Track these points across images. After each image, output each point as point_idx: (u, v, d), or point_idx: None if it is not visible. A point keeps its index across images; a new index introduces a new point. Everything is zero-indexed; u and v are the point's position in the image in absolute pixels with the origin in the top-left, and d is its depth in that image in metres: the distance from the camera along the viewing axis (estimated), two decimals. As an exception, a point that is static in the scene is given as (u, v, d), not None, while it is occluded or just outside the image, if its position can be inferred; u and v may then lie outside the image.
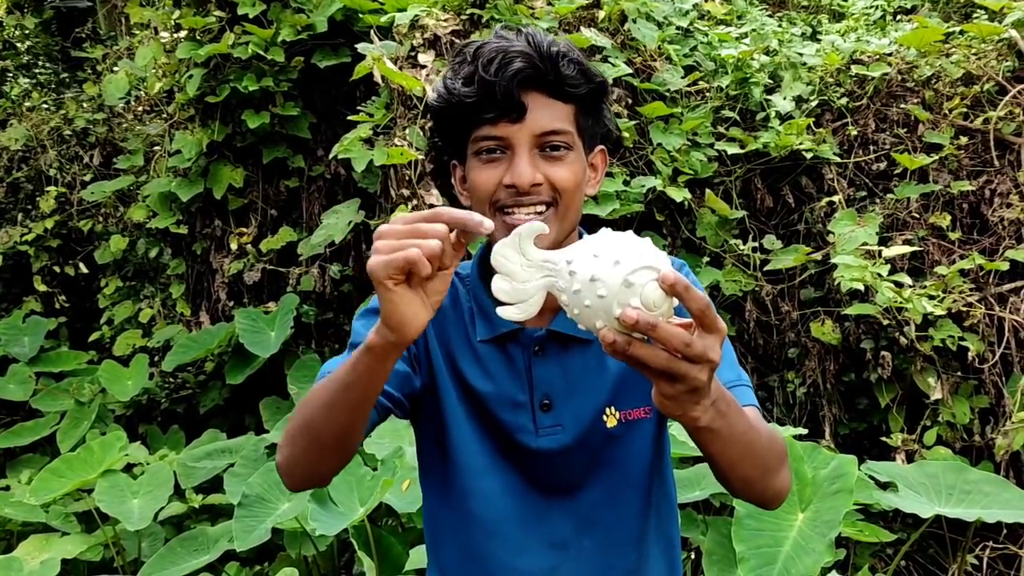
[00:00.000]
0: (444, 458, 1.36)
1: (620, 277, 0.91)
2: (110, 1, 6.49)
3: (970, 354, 3.50)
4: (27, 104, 5.88)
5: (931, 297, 3.45)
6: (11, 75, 6.42)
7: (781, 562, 2.42)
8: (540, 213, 1.25)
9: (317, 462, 1.21)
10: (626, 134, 3.66)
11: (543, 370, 1.32)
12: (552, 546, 1.33)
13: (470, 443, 1.33)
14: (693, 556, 3.13)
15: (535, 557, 1.33)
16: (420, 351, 1.34)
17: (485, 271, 1.37)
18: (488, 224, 1.01)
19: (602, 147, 1.38)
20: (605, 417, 1.32)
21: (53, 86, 6.35)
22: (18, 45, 6.72)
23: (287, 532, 3.26)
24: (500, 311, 1.02)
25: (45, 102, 5.89)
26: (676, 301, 0.92)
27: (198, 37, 4.42)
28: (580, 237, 1.41)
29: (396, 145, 3.58)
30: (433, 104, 1.30)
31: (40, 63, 6.69)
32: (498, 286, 1.01)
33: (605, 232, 0.98)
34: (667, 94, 3.87)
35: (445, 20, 3.81)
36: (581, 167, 1.29)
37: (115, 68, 5.32)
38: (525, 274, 1.00)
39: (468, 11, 3.78)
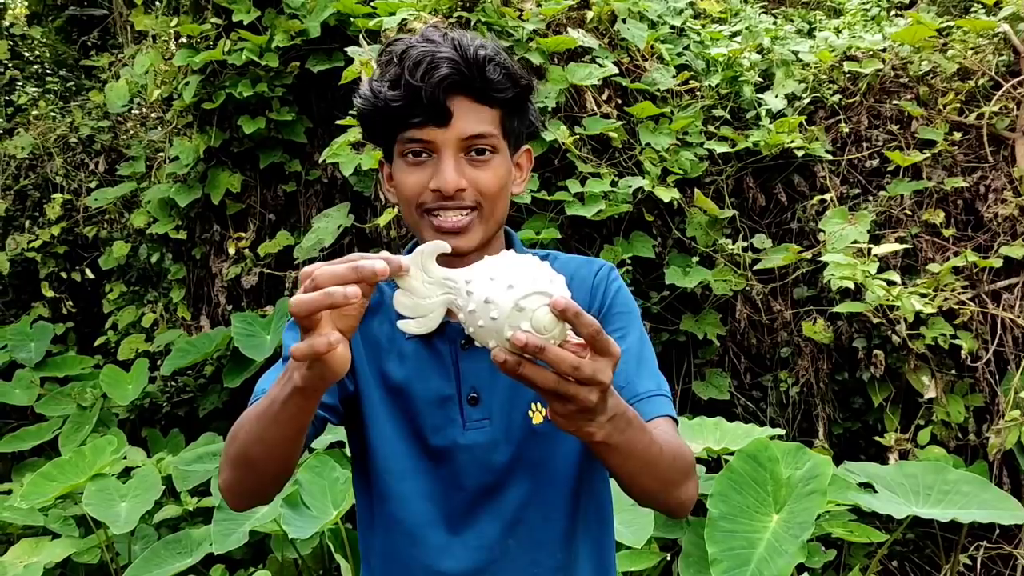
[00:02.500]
0: (367, 462, 1.36)
1: (512, 301, 0.94)
2: (118, 9, 6.55)
3: (963, 352, 3.47)
4: (34, 112, 5.95)
5: (922, 295, 3.42)
6: (20, 84, 6.50)
7: (754, 563, 2.41)
8: (465, 215, 1.26)
9: (257, 486, 1.23)
10: (614, 134, 3.65)
11: (470, 363, 1.32)
12: (478, 548, 1.33)
13: (392, 445, 1.33)
14: (670, 557, 3.12)
15: (460, 560, 1.33)
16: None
17: None
18: (405, 264, 1.02)
19: (527, 147, 1.39)
20: (531, 413, 1.32)
21: (63, 95, 6.43)
22: (26, 54, 6.80)
23: (275, 536, 3.28)
24: (400, 324, 1.05)
25: (52, 110, 5.95)
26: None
27: (195, 44, 4.46)
28: (507, 238, 1.43)
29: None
30: (359, 107, 1.31)
31: (51, 72, 6.78)
32: (399, 300, 1.04)
33: (507, 255, 1.01)
34: (657, 94, 3.86)
35: (434, 24, 3.82)
36: (506, 169, 1.31)
37: (119, 76, 5.37)
38: (426, 290, 1.04)
39: (456, 14, 3.78)
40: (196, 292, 4.93)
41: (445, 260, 1.08)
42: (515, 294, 0.94)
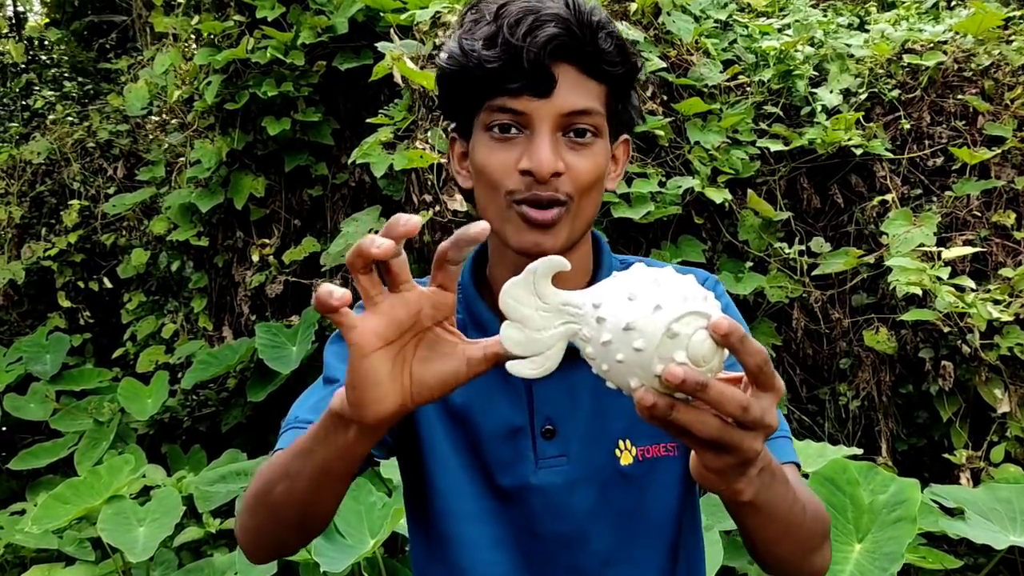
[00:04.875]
0: (428, 501, 1.15)
1: (662, 325, 0.73)
2: (137, 11, 6.42)
3: (1040, 363, 3.24)
4: (51, 117, 5.81)
5: (996, 302, 3.19)
6: (37, 88, 6.36)
7: (836, 599, 2.18)
8: (556, 208, 1.05)
9: (278, 537, 1.02)
10: (661, 132, 3.44)
11: (546, 390, 1.10)
12: None
13: (457, 483, 1.12)
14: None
15: None
16: None
17: (480, 277, 1.18)
18: (483, 226, 0.78)
19: (626, 137, 1.18)
20: (618, 452, 1.11)
21: (81, 99, 6.29)
22: (43, 58, 6.68)
23: (303, 563, 3.07)
24: (511, 367, 0.81)
25: (69, 115, 5.81)
26: (727, 353, 0.73)
27: (217, 42, 4.29)
28: (595, 243, 1.20)
29: (417, 148, 3.39)
30: (443, 65, 1.10)
31: (68, 76, 6.65)
32: (508, 335, 0.80)
33: (639, 267, 0.78)
34: (704, 90, 3.65)
35: (468, 16, 3.63)
36: (605, 158, 1.10)
37: (138, 78, 5.22)
38: (541, 320, 0.80)
39: (492, 6, 3.59)
40: (218, 301, 4.75)
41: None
42: (666, 316, 0.73)
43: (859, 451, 2.81)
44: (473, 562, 1.12)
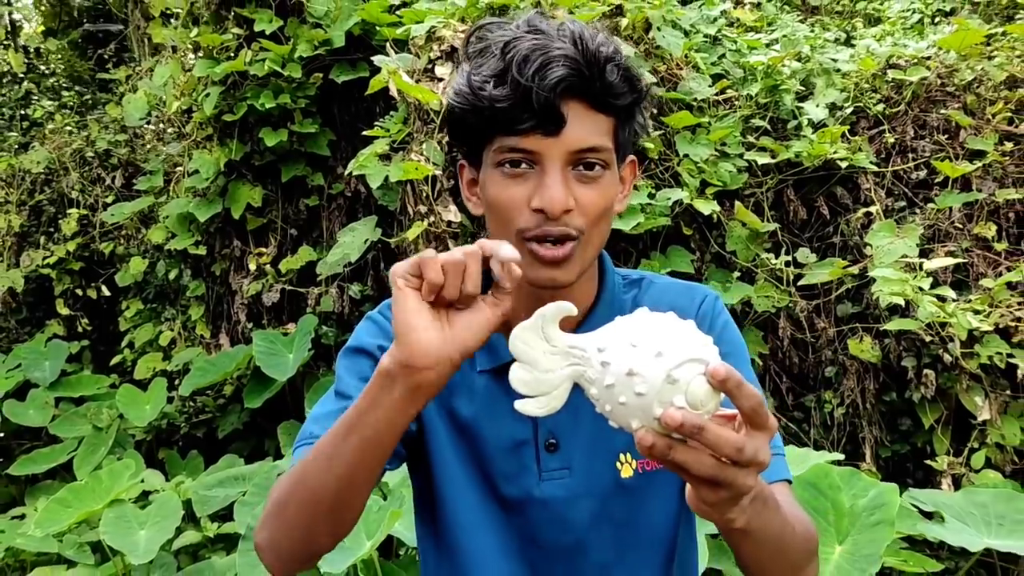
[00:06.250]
0: (436, 512, 1.20)
1: (663, 372, 0.79)
2: (135, 23, 6.47)
3: (1019, 372, 3.31)
4: (50, 126, 5.87)
5: (976, 312, 3.27)
6: (35, 98, 6.42)
7: (818, 599, 2.25)
8: (570, 243, 1.08)
9: (310, 531, 1.02)
10: (651, 145, 3.52)
11: None
12: None
13: (463, 493, 1.17)
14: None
15: None
16: None
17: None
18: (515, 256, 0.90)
19: (632, 158, 1.20)
20: (619, 464, 1.17)
21: (79, 108, 6.34)
22: (42, 68, 6.73)
23: (300, 564, 3.13)
24: (518, 405, 0.87)
25: (68, 124, 5.86)
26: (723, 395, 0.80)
27: (216, 55, 4.36)
28: (602, 264, 1.24)
29: (412, 160, 3.47)
30: (453, 103, 1.11)
31: (67, 86, 6.71)
32: (517, 376, 0.87)
33: (642, 313, 0.84)
34: (694, 103, 3.73)
35: (463, 31, 3.70)
36: (614, 188, 1.12)
37: (136, 89, 5.28)
38: (548, 362, 0.87)
39: (486, 21, 3.67)
40: (215, 309, 4.81)
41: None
42: (666, 363, 0.79)
43: (841, 456, 2.88)
44: (479, 570, 1.17)
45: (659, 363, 0.79)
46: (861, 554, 2.27)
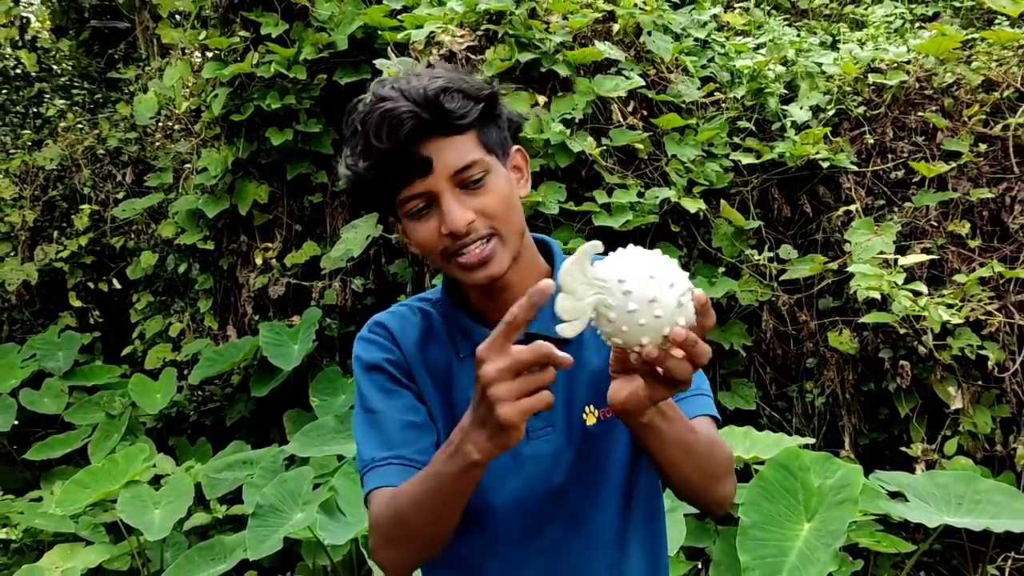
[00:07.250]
0: None
1: (675, 299, 0.99)
2: (144, 23, 6.63)
3: (990, 363, 3.46)
4: (62, 124, 6.03)
5: (949, 306, 3.42)
6: (48, 96, 6.58)
7: (786, 571, 2.42)
8: (486, 243, 1.26)
9: (427, 553, 1.26)
10: (640, 146, 3.68)
11: None
12: (545, 551, 1.35)
13: None
14: (701, 566, 3.13)
15: (531, 566, 1.35)
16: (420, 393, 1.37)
17: (455, 298, 1.40)
18: (547, 283, 1.03)
19: (517, 147, 1.37)
20: (585, 415, 1.34)
21: (89, 106, 6.51)
22: (54, 67, 6.88)
23: (305, 542, 3.31)
24: (559, 328, 1.03)
25: (80, 122, 6.03)
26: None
27: (223, 57, 4.52)
28: (544, 247, 1.42)
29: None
30: (346, 187, 1.31)
31: (77, 84, 6.86)
32: (563, 306, 1.02)
33: (638, 250, 1.03)
34: (682, 105, 3.88)
35: (461, 36, 3.85)
36: (505, 181, 1.29)
37: (147, 88, 5.43)
38: (583, 291, 1.03)
39: (484, 27, 3.82)
40: (223, 302, 4.98)
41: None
42: (677, 292, 0.99)
43: (812, 440, 3.04)
44: (478, 528, 1.33)
45: (672, 292, 0.99)
46: (827, 530, 2.44)
